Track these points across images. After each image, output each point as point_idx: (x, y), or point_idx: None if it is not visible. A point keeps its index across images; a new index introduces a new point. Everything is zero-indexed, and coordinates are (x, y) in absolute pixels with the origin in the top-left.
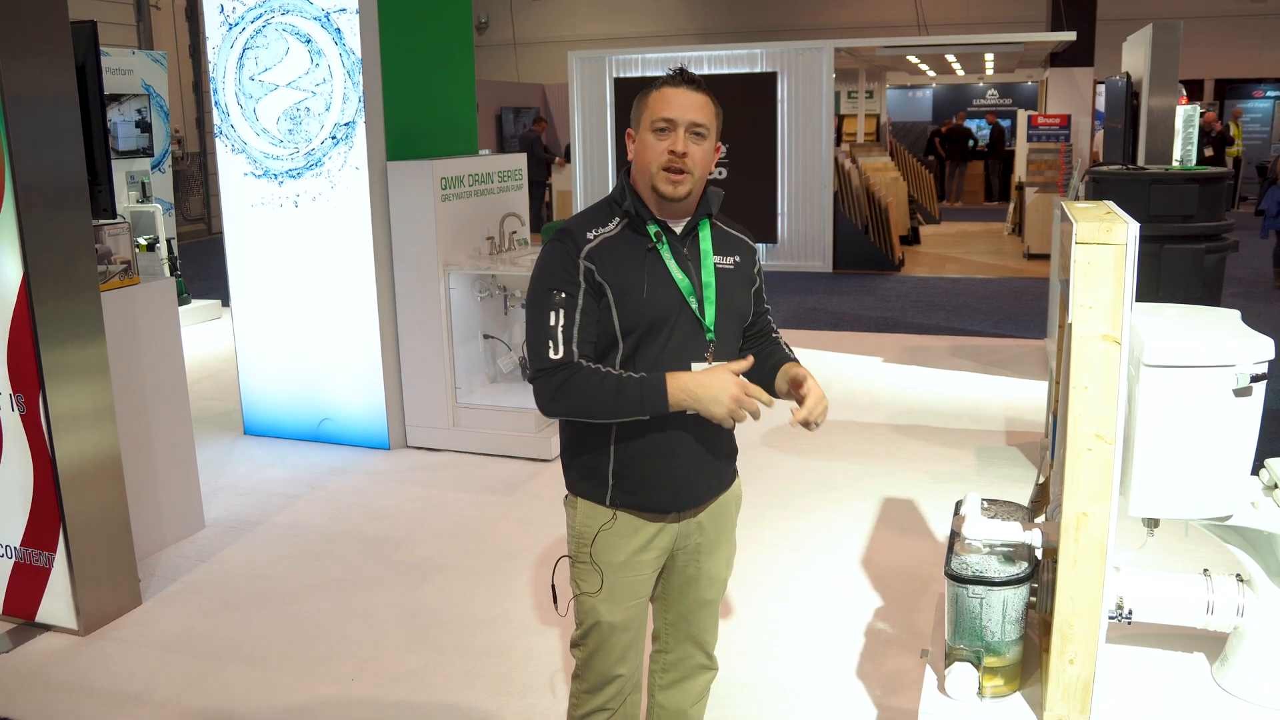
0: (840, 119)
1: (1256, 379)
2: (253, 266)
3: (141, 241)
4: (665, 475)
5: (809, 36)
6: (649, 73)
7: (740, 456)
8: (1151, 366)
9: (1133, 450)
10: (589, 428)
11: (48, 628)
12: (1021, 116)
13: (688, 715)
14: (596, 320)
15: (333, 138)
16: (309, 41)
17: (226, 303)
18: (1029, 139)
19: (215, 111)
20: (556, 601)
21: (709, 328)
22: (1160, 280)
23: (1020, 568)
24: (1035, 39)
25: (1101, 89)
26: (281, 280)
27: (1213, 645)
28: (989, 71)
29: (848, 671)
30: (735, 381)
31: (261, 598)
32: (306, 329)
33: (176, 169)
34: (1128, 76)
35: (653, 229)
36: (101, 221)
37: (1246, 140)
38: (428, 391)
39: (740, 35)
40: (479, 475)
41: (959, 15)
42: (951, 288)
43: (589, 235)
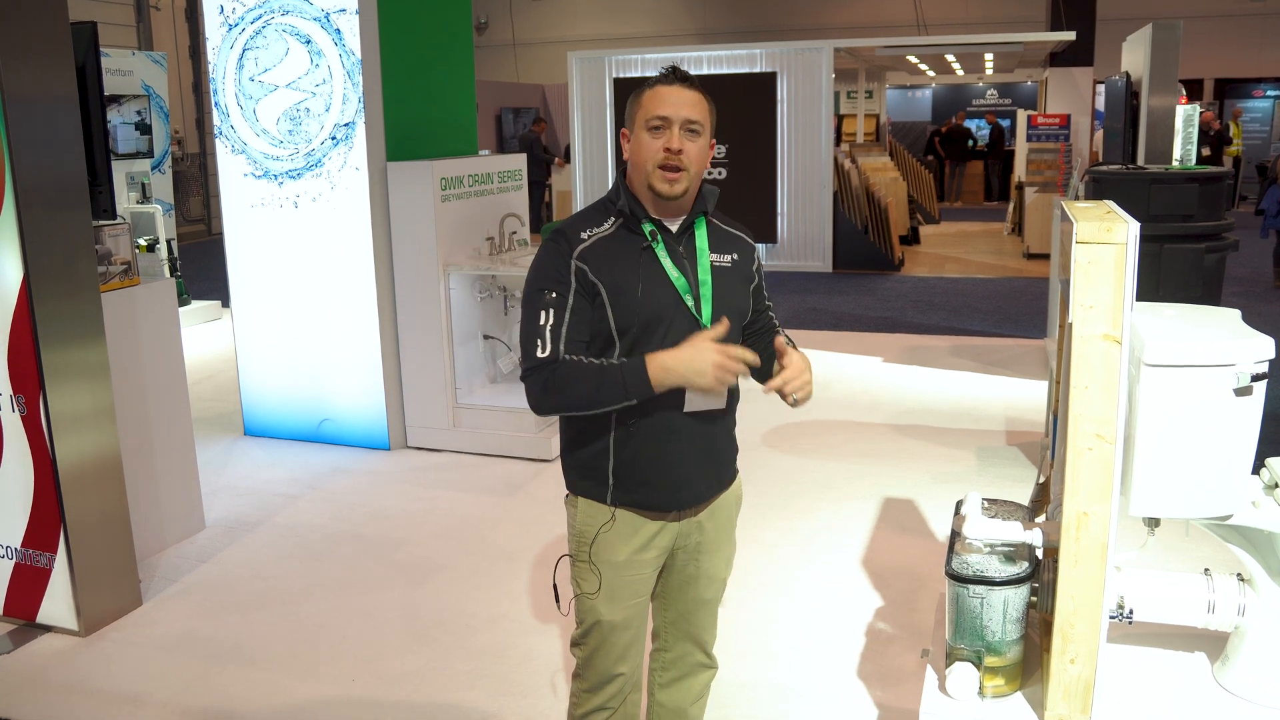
0: (840, 119)
1: (1257, 378)
2: (253, 267)
3: (141, 242)
4: (666, 474)
5: (809, 36)
6: (649, 73)
7: (740, 456)
8: (1152, 366)
9: (1133, 450)
10: (589, 426)
11: (48, 629)
12: (1021, 116)
13: (687, 714)
14: (590, 320)
15: (332, 138)
16: (309, 42)
17: (226, 304)
18: (1028, 139)
19: (215, 112)
20: (558, 600)
21: (706, 325)
22: (1160, 280)
23: (1021, 567)
24: (1035, 39)
25: (1101, 89)
26: (281, 281)
27: (1214, 645)
28: (989, 71)
29: (848, 671)
30: (713, 348)
31: (262, 598)
32: (306, 330)
33: (176, 170)
34: (1127, 76)
35: (648, 228)
36: (101, 222)
37: (1246, 140)
38: (428, 392)
39: (740, 35)
40: (479, 475)
41: (959, 15)
42: (951, 288)
43: (583, 235)
